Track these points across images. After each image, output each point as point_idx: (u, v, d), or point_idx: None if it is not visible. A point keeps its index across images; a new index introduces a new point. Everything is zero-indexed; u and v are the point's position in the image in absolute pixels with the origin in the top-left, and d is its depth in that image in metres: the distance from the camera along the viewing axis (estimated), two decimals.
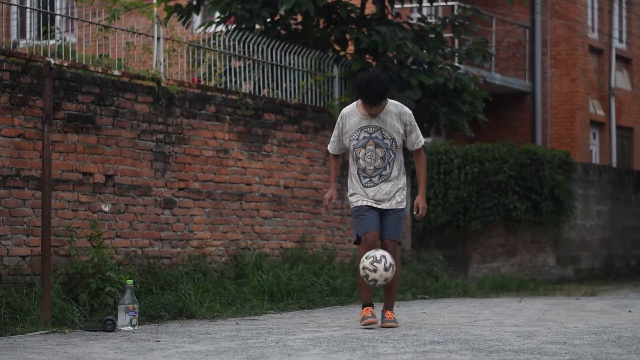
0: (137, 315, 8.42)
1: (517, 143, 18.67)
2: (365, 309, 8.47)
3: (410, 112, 8.54)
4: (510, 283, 15.42)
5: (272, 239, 11.97)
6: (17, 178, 9.02)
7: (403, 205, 8.54)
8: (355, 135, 8.41)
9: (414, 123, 8.52)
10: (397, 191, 8.47)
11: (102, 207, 9.82)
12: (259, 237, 11.75)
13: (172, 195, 10.66)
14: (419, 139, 8.54)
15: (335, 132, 8.60)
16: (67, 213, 9.46)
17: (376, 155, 8.38)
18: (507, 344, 7.04)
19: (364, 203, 8.44)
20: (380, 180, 8.41)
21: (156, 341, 7.42)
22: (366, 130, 8.39)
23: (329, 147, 8.72)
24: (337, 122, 8.57)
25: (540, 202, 17.59)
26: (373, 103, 8.31)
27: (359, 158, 8.41)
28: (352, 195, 8.53)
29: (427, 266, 14.18)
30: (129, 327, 8.33)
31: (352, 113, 8.46)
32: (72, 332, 8.11)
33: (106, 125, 9.92)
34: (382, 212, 8.48)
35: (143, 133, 10.35)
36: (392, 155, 8.42)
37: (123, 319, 8.35)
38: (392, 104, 8.48)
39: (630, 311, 10.40)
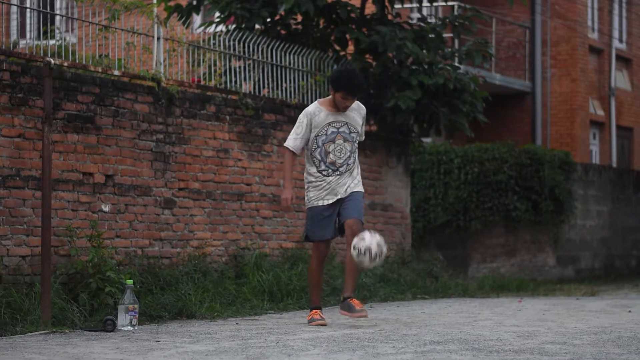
0: (137, 315, 8.42)
1: (517, 143, 18.68)
2: (314, 311, 8.80)
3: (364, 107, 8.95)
4: (510, 283, 15.42)
5: (272, 239, 11.97)
6: (17, 178, 9.02)
7: (360, 189, 8.72)
8: (323, 130, 8.63)
9: (365, 116, 8.94)
10: (352, 182, 8.70)
11: (102, 207, 9.82)
12: (259, 237, 11.75)
13: (172, 195, 10.66)
14: (363, 133, 8.93)
15: (297, 130, 8.67)
16: (67, 213, 9.46)
17: (345, 148, 8.66)
18: (507, 344, 7.05)
19: (323, 203, 8.66)
20: (346, 168, 8.65)
21: (156, 341, 7.42)
22: (334, 125, 8.65)
23: (290, 145, 8.66)
24: (300, 120, 8.68)
25: (540, 202, 17.59)
26: (356, 94, 8.61)
27: (329, 152, 8.63)
28: (311, 191, 8.72)
29: (427, 266, 14.18)
30: (129, 327, 8.33)
31: (317, 110, 8.68)
32: (72, 332, 8.11)
33: (106, 125, 9.92)
34: (340, 200, 8.67)
35: (143, 133, 10.35)
36: (355, 147, 8.75)
37: (123, 319, 8.35)
38: None
39: (630, 311, 10.40)
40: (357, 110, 8.76)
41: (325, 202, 8.65)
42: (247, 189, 11.65)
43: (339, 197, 8.65)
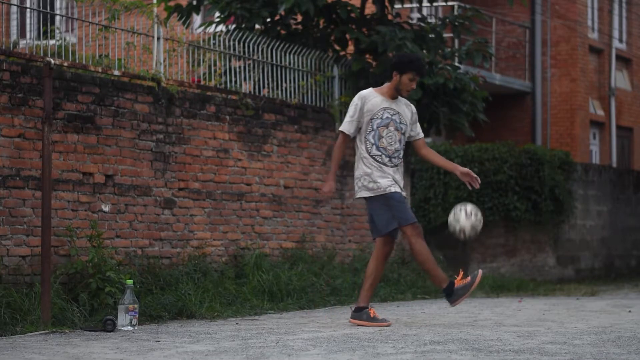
0: (137, 315, 8.42)
1: (517, 143, 18.66)
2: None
3: None
4: (510, 283, 15.42)
5: (272, 239, 11.97)
6: (17, 178, 9.03)
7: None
8: (379, 114, 8.49)
9: (417, 114, 8.78)
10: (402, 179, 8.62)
11: (102, 207, 9.82)
12: (259, 237, 11.76)
13: (172, 195, 10.66)
14: (420, 129, 8.76)
15: (350, 113, 8.52)
16: (67, 213, 9.46)
17: (395, 137, 8.51)
18: (507, 344, 7.05)
19: (398, 190, 8.44)
20: (397, 162, 8.51)
21: (156, 341, 7.42)
22: (388, 111, 8.53)
23: (344, 128, 8.52)
24: (355, 102, 8.53)
25: (540, 202, 17.58)
26: (424, 74, 8.72)
27: (382, 137, 8.46)
28: (380, 178, 8.44)
29: None
30: (129, 327, 8.33)
31: (372, 94, 8.57)
32: (72, 332, 8.11)
33: (106, 125, 9.92)
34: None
35: (143, 133, 10.35)
36: (404, 143, 8.59)
37: (123, 319, 8.35)
38: None
39: (630, 311, 10.40)
40: (407, 106, 8.64)
41: (399, 190, 8.42)
42: (247, 189, 11.65)
43: (404, 193, 8.53)
